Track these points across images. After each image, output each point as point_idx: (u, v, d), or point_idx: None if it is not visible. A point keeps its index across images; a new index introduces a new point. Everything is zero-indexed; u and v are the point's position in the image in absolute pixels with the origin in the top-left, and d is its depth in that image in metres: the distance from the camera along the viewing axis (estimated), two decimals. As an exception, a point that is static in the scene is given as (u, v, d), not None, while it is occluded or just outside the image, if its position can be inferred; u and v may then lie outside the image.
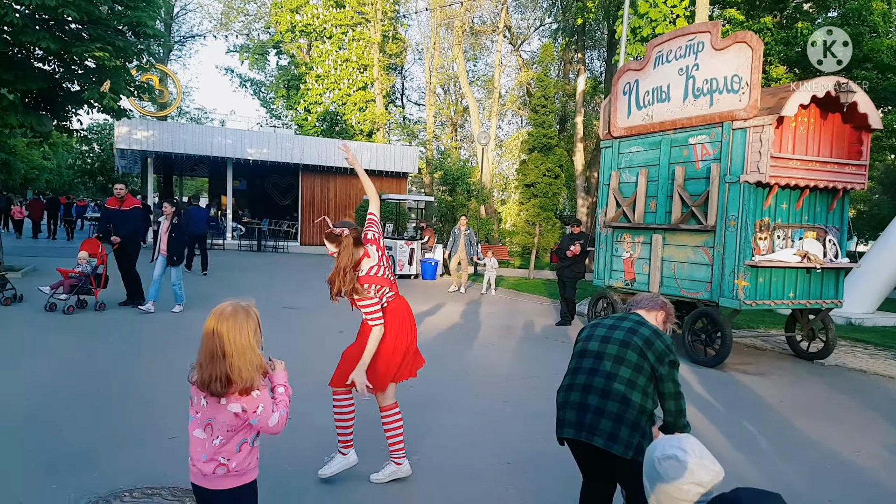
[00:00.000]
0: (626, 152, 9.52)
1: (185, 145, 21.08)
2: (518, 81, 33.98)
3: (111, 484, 3.65)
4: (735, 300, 7.70)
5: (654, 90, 8.97)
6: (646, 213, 9.06)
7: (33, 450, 4.07)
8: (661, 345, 2.77)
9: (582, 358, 2.88)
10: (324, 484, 3.86)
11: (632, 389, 2.70)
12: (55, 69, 12.65)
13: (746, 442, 5.16)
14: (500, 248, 23.48)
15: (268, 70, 36.73)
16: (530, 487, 4.04)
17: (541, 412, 5.56)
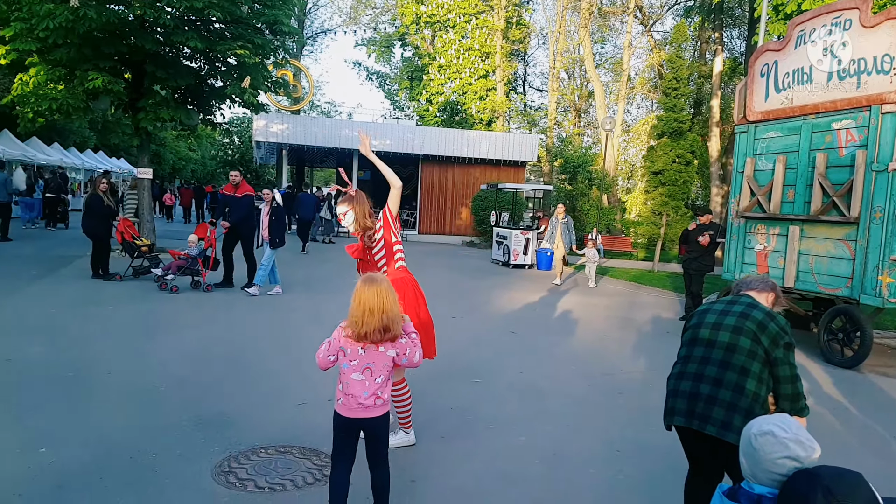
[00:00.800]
0: (763, 138, 8.96)
1: (316, 137, 22.42)
2: (648, 63, 32.59)
3: (249, 441, 4.14)
4: (878, 298, 7.12)
5: (795, 72, 8.37)
6: (782, 203, 8.51)
7: (184, 408, 4.68)
8: (774, 327, 2.71)
9: (692, 346, 2.87)
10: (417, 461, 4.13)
11: (745, 377, 2.67)
12: (201, 67, 13.96)
13: (877, 445, 4.86)
14: (623, 239, 22.81)
15: (393, 62, 37.98)
16: (639, 475, 4.07)
17: (655, 405, 5.47)
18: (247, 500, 3.38)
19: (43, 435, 4.01)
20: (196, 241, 9.90)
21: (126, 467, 3.65)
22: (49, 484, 3.38)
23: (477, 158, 23.56)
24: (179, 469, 3.68)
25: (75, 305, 8.05)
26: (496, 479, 3.86)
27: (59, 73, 11.99)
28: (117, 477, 3.52)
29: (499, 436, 4.57)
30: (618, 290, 13.50)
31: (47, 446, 3.84)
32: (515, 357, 6.99)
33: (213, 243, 9.97)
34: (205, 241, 9.97)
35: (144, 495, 3.35)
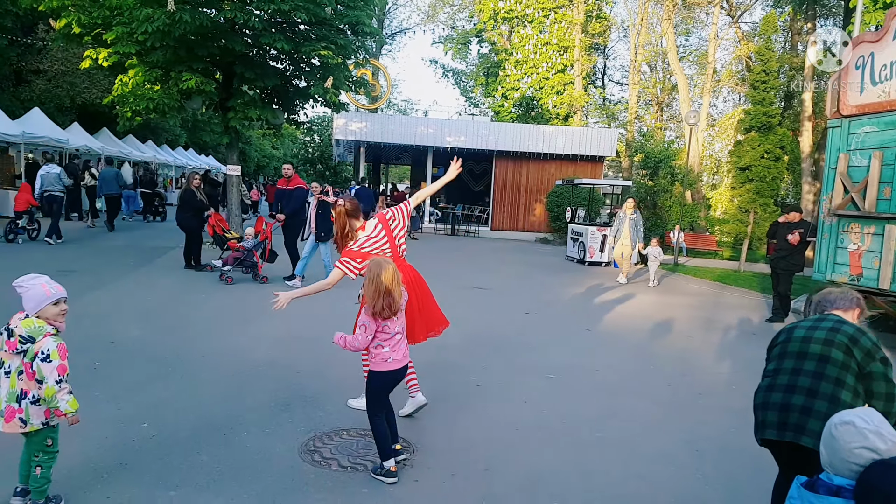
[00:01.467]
0: (858, 133, 8.49)
1: (393, 135, 22.83)
2: (736, 55, 31.20)
3: (332, 423, 4.34)
4: None
5: (893, 64, 7.89)
6: (878, 201, 8.03)
7: (273, 390, 4.95)
8: (867, 341, 2.63)
9: (782, 359, 2.81)
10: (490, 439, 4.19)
11: (840, 388, 2.59)
12: (286, 67, 14.51)
13: None
14: (707, 237, 22.01)
15: (469, 59, 38.09)
16: (719, 476, 3.99)
17: (738, 407, 5.37)
18: (331, 477, 3.56)
19: (145, 411, 4.35)
20: (252, 235, 10.11)
21: (220, 443, 3.91)
22: (152, 456, 3.68)
23: (552, 154, 23.30)
24: (269, 446, 3.91)
25: (170, 293, 8.61)
26: (571, 472, 3.89)
27: (155, 74, 12.74)
28: (213, 452, 3.78)
29: (574, 430, 4.58)
30: (701, 290, 13.06)
31: (149, 421, 4.16)
32: (591, 354, 6.93)
33: (268, 236, 10.15)
34: (260, 234, 10.15)
35: (238, 469, 3.59)
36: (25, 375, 2.86)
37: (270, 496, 3.30)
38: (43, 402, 2.88)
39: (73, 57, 21.96)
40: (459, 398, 5.08)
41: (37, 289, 2.88)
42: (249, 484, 3.42)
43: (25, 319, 2.87)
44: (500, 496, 3.50)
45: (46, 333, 2.87)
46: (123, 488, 3.27)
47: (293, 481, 3.48)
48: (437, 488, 3.53)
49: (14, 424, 2.88)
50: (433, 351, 6.33)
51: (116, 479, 3.37)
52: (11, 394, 2.87)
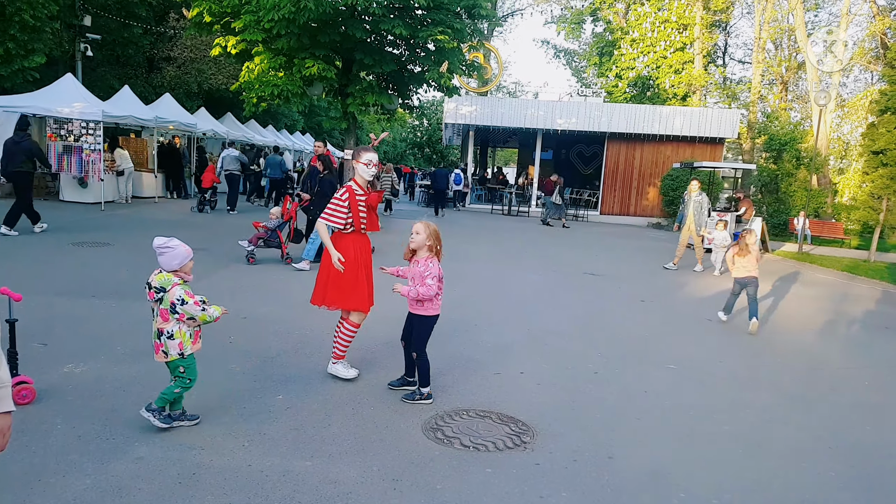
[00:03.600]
0: None
1: (502, 118, 22.75)
2: (870, 32, 28.40)
3: (453, 403, 4.46)
4: None
5: None
6: None
7: (393, 368, 5.09)
8: None
9: None
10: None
11: None
12: (402, 53, 14.77)
13: None
14: (834, 224, 20.41)
15: (582, 39, 37.09)
16: (853, 474, 3.79)
17: (873, 403, 5.11)
18: (455, 455, 3.68)
19: (279, 383, 4.63)
20: (278, 214, 9.65)
21: (349, 417, 4.13)
22: (287, 426, 3.92)
23: (669, 135, 22.35)
24: (395, 422, 4.09)
25: (293, 273, 9.04)
26: (696, 463, 3.80)
27: (280, 61, 13.36)
28: (342, 425, 3.99)
29: (698, 422, 4.46)
30: (828, 281, 12.16)
31: (283, 394, 4.43)
32: (713, 345, 6.68)
33: (293, 216, 9.65)
34: (284, 214, 9.68)
35: (367, 442, 3.79)
36: (160, 317, 3.62)
37: (399, 469, 3.47)
38: (196, 326, 3.72)
39: (201, 45, 23.49)
40: (577, 384, 5.07)
41: (181, 248, 3.64)
42: (379, 457, 3.60)
43: (159, 274, 3.61)
44: (624, 485, 3.48)
45: (174, 284, 3.59)
46: (263, 456, 3.50)
47: (419, 457, 3.63)
48: (559, 472, 3.56)
49: (160, 355, 3.68)
50: (547, 337, 6.35)
51: (257, 446, 3.62)
52: (156, 332, 3.67)
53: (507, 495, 3.27)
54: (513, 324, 6.88)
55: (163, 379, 3.88)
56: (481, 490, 3.31)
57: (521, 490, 3.34)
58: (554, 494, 3.31)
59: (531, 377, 5.12)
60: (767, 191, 22.80)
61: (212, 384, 4.45)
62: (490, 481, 3.41)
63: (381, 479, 3.35)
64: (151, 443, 3.56)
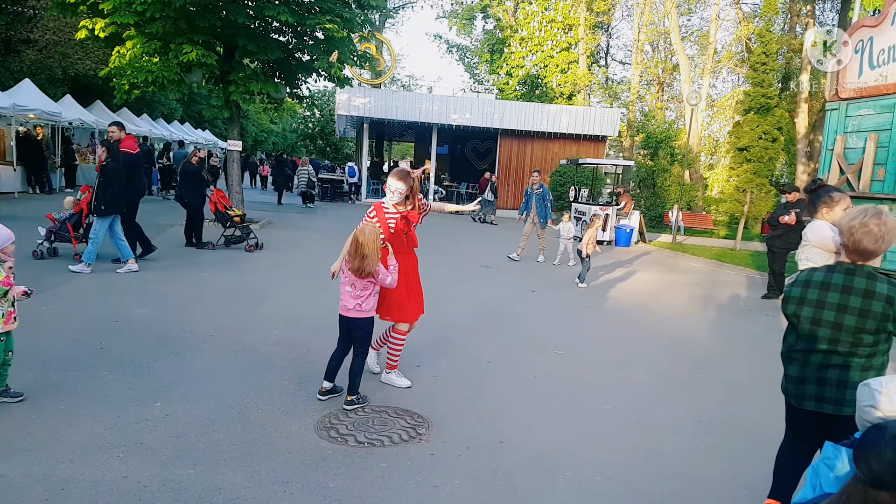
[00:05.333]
0: (855, 115, 8.59)
1: (397, 111, 22.67)
2: (736, 36, 30.98)
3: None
4: None
5: (891, 48, 7.98)
6: (872, 182, 8.20)
7: (285, 368, 4.99)
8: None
9: (816, 326, 2.73)
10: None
11: (871, 358, 2.67)
12: (289, 40, 14.26)
13: None
14: (704, 216, 22.08)
15: (474, 35, 37.67)
16: (721, 445, 4.11)
17: (738, 381, 5.55)
18: (349, 453, 3.62)
19: (156, 391, 4.34)
20: (71, 204, 8.88)
21: (235, 421, 3.95)
22: (167, 434, 3.69)
23: (556, 133, 23.22)
24: (284, 423, 3.95)
25: (173, 272, 8.58)
26: (581, 443, 3.98)
27: (154, 46, 12.47)
28: (228, 430, 3.81)
29: (582, 403, 4.68)
30: (699, 268, 13.15)
31: (161, 401, 4.16)
32: (596, 331, 7.03)
33: (83, 208, 8.75)
34: (75, 205, 8.87)
35: (255, 446, 3.64)
36: None
37: (289, 472, 3.36)
38: (10, 306, 3.91)
39: (65, 27, 21.54)
40: (471, 374, 5.15)
41: (3, 230, 3.90)
42: (267, 461, 3.47)
43: None
44: (514, 467, 3.57)
45: None
46: (140, 467, 3.29)
47: (311, 457, 3.53)
48: (452, 461, 3.59)
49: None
50: (445, 329, 6.39)
51: (133, 457, 3.39)
52: None
53: (401, 487, 3.26)
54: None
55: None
56: (376, 485, 3.27)
57: (415, 481, 3.34)
58: (447, 483, 3.34)
59: (428, 370, 5.14)
60: (645, 186, 24.30)
61: (81, 393, 4.11)
62: (385, 475, 3.38)
63: (271, 483, 3.23)
64: (13, 459, 3.24)
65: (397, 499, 3.16)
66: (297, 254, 10.89)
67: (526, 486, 3.39)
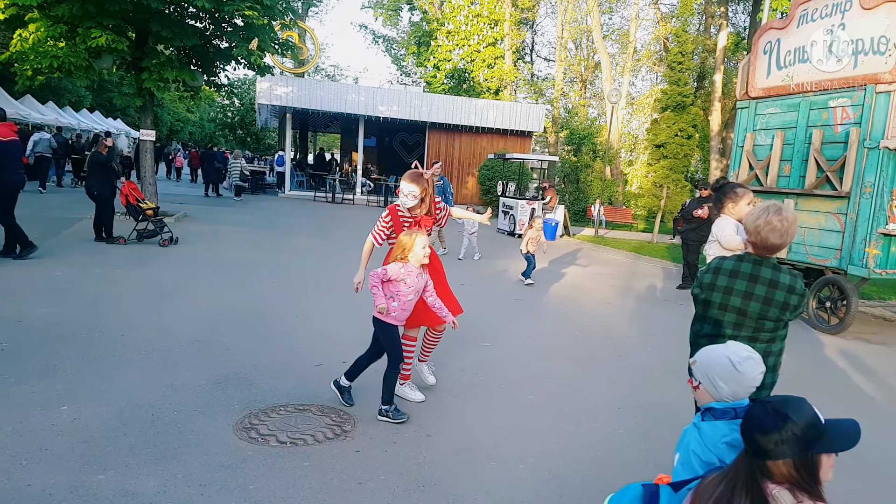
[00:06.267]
0: (763, 114, 9.11)
1: (322, 102, 22.23)
2: (655, 36, 32.23)
3: (268, 399, 4.26)
4: (864, 268, 7.48)
5: (796, 50, 8.49)
6: (779, 177, 8.73)
7: (201, 367, 4.79)
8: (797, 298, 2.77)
9: (723, 312, 2.86)
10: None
11: (772, 343, 2.86)
12: (206, 27, 13.68)
13: (861, 406, 5.20)
14: (625, 210, 22.89)
15: (400, 26, 37.40)
16: (638, 430, 4.29)
17: (653, 367, 5.78)
18: (270, 453, 3.52)
19: (63, 393, 4.08)
20: None
21: (148, 424, 3.76)
22: (74, 440, 3.47)
23: (484, 127, 23.45)
24: (201, 425, 3.80)
25: (80, 268, 8.09)
26: (505, 433, 4.04)
27: (60, 29, 11.69)
28: (141, 433, 3.63)
29: (507, 394, 4.76)
30: (619, 261, 13.64)
31: (68, 404, 3.91)
32: (522, 322, 7.15)
33: None
34: None
35: (170, 449, 3.48)
36: None
37: (207, 474, 3.23)
38: None
39: (-42, 7, 19.88)
40: (396, 369, 5.12)
41: None
42: (183, 464, 3.32)
43: None
44: (440, 460, 3.58)
45: None
46: (46, 474, 3.09)
47: (229, 459, 3.41)
48: (378, 457, 3.56)
49: None
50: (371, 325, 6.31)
51: (37, 464, 3.18)
52: None
53: (324, 486, 3.20)
54: (338, 314, 6.77)
55: None
56: (298, 484, 3.20)
57: (339, 479, 3.28)
58: (373, 478, 3.31)
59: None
60: (569, 181, 24.97)
61: (-26, 400, 3.81)
62: (308, 474, 3.30)
63: (187, 486, 3.10)
64: None
65: (320, 497, 3.10)
66: (215, 248, 10.52)
67: (451, 477, 3.40)
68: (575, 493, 3.31)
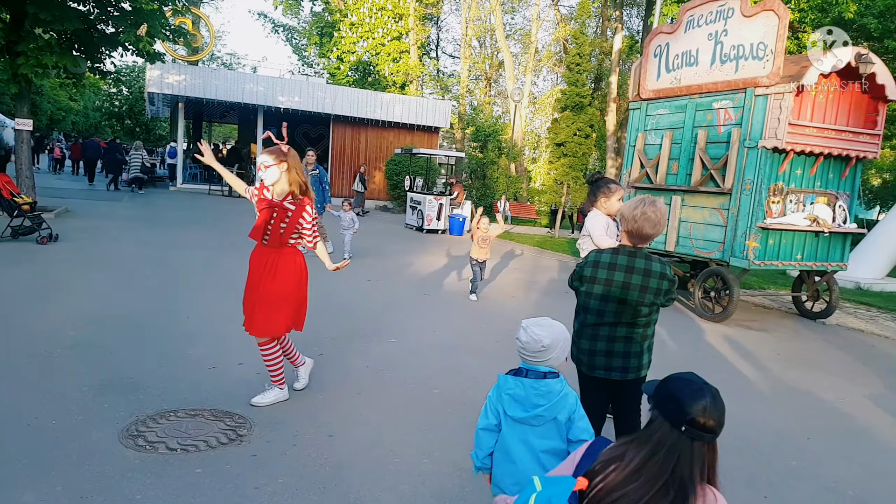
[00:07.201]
0: (653, 114, 9.60)
1: (217, 91, 21.25)
2: (555, 37, 33.28)
3: (157, 405, 4.01)
4: (745, 260, 8.02)
5: (684, 54, 9.01)
6: (668, 175, 9.24)
7: (84, 373, 4.45)
8: (667, 283, 3.05)
9: (605, 302, 3.04)
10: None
11: (647, 328, 3.11)
12: (90, 10, 12.74)
13: (742, 388, 5.56)
14: (529, 206, 23.52)
15: (302, 16, 36.41)
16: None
17: None
18: (159, 461, 3.31)
19: (-77, 402, 3.70)
20: None
21: (24, 434, 3.46)
22: (-63, 452, 3.16)
23: (391, 122, 23.29)
24: (83, 434, 3.53)
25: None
26: (410, 428, 4.02)
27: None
28: (15, 444, 3.33)
29: (413, 389, 4.73)
30: (524, 255, 14.00)
31: (-70, 414, 3.56)
32: (428, 317, 7.16)
33: None
34: None
35: (48, 461, 3.21)
36: None
37: (88, 486, 3.00)
38: None
39: None
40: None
41: None
42: (63, 475, 3.07)
43: None
44: (343, 460, 3.51)
45: None
46: None
47: (114, 469, 3.18)
48: (276, 460, 3.44)
49: None
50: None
51: None
52: None
53: (218, 492, 3.05)
54: (233, 313, 6.47)
55: None
56: (189, 492, 3.03)
57: (234, 485, 3.14)
58: (270, 482, 3.20)
59: (251, 367, 4.85)
60: (476, 177, 25.34)
61: None
62: (200, 482, 3.14)
63: (67, 499, 2.88)
64: None
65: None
66: (99, 246, 9.83)
67: (354, 477, 3.34)
68: (479, 484, 3.34)
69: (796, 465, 4.06)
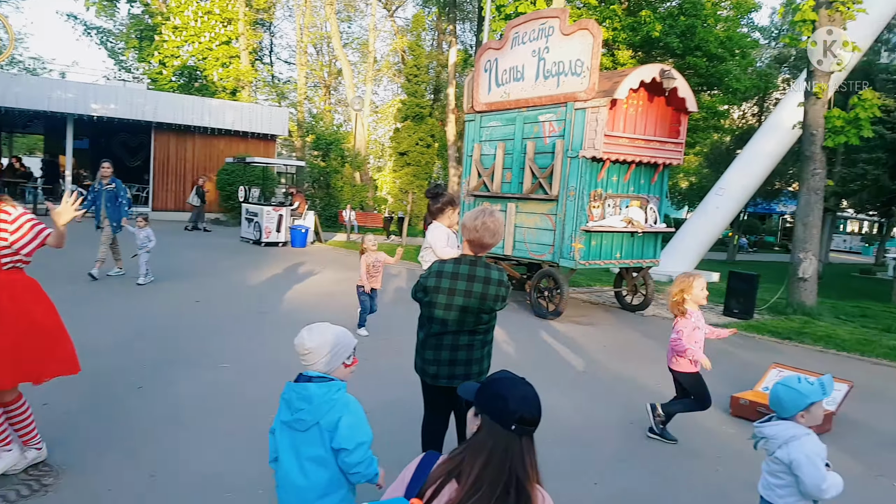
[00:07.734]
0: (487, 126, 10.05)
1: (18, 98, 18.83)
2: (393, 48, 33.72)
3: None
4: (572, 261, 8.67)
5: (511, 69, 9.54)
6: (503, 184, 9.72)
7: None
8: (504, 290, 3.19)
9: (448, 311, 3.13)
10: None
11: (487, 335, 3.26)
12: None
13: (573, 379, 6.05)
14: (375, 215, 23.53)
15: (118, 18, 33.40)
16: (391, 429, 4.25)
17: (401, 366, 5.91)
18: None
19: None
20: None
21: None
22: None
23: (221, 129, 22.06)
24: None
25: None
26: (243, 459, 3.78)
27: None
28: None
29: (246, 416, 4.46)
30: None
31: None
32: (267, 337, 6.82)
33: None
34: None
35: None
36: None
37: None
38: None
39: None
40: (118, 404, 4.49)
41: None
42: None
43: None
44: (167, 499, 3.22)
45: None
46: None
47: None
48: (88, 511, 3.07)
49: None
50: (83, 357, 5.46)
51: None
52: None
53: (12, 562, 2.65)
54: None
55: None
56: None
57: (33, 548, 2.75)
58: (79, 540, 2.83)
59: (58, 407, 4.31)
60: (319, 186, 24.86)
61: None
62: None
63: None
64: None
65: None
66: None
67: (180, 519, 3.07)
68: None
69: (622, 448, 4.40)
